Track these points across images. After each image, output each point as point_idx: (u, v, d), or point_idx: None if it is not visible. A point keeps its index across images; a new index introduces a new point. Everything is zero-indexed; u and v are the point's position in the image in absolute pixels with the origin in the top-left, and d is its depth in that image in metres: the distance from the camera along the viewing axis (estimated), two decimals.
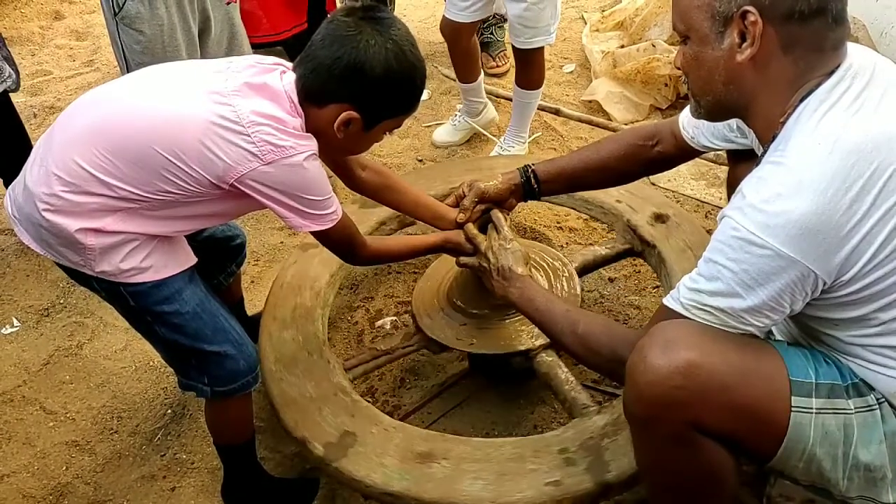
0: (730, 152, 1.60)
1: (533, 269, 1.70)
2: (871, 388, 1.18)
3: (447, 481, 1.45)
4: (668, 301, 1.21)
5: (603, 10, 3.66)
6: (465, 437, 1.61)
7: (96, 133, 1.33)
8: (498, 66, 3.31)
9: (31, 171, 1.38)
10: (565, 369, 1.68)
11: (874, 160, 1.06)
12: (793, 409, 1.13)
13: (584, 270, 2.00)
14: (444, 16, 2.65)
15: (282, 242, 2.54)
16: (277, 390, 1.68)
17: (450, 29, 2.65)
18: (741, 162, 1.52)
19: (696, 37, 1.17)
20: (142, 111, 1.35)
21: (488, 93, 3.12)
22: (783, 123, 1.15)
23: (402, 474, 1.47)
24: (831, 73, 1.12)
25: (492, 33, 3.25)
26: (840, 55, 1.13)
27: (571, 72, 3.38)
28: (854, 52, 1.15)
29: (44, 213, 1.34)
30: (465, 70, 2.78)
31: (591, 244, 2.37)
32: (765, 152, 1.18)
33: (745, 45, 1.12)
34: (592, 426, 1.52)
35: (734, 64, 1.14)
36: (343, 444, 1.54)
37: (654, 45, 3.05)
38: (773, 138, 1.16)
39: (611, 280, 2.28)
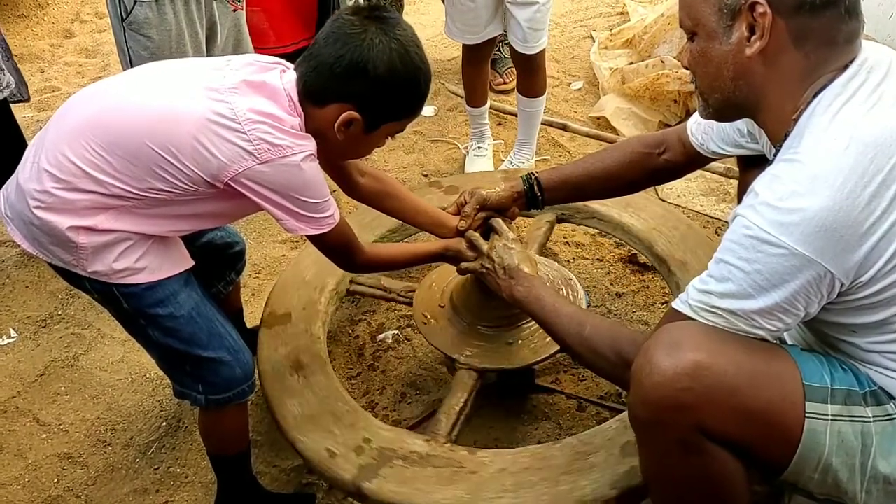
0: (740, 159, 1.56)
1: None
2: (891, 397, 1.13)
3: (285, 391, 1.60)
4: (677, 304, 1.17)
5: (611, 29, 3.65)
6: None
7: (89, 127, 1.31)
8: (505, 83, 3.30)
9: (24, 169, 1.36)
10: (463, 400, 1.61)
11: (894, 154, 1.02)
12: (807, 415, 1.08)
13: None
14: (463, 46, 2.66)
15: (283, 255, 2.51)
16: (296, 261, 1.93)
17: (472, 54, 2.67)
18: (752, 168, 1.47)
19: (703, 32, 1.14)
20: (136, 106, 1.32)
21: (496, 109, 3.11)
22: (796, 120, 1.11)
23: (275, 365, 1.67)
24: (845, 67, 1.09)
25: (499, 50, 3.24)
26: (854, 49, 1.10)
27: (579, 89, 3.36)
28: (868, 47, 1.12)
29: (35, 211, 1.31)
30: (483, 93, 2.79)
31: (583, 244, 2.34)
32: (777, 152, 1.14)
33: (754, 38, 1.09)
34: (406, 444, 1.50)
35: (743, 58, 1.11)
36: (277, 321, 1.79)
37: (662, 62, 3.03)
38: (786, 137, 1.12)
39: (618, 295, 2.24)
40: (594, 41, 3.60)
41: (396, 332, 2.16)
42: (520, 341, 1.71)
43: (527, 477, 1.42)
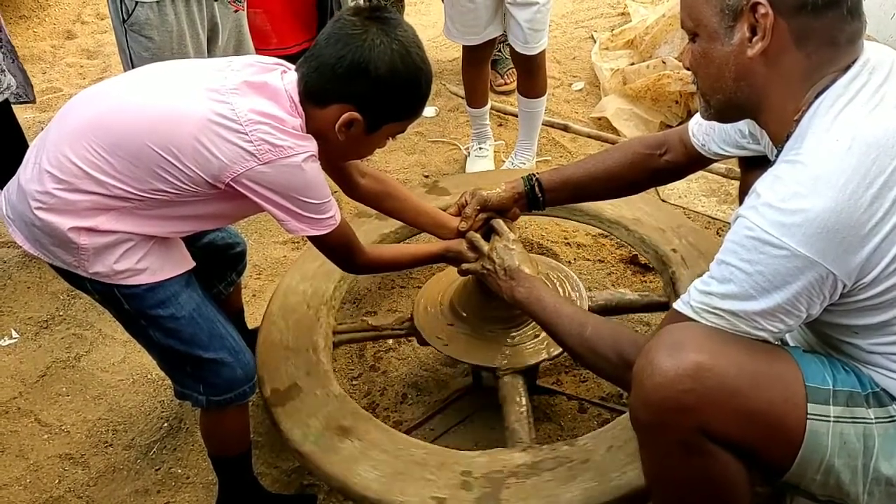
0: (742, 160, 1.56)
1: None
2: (893, 399, 1.12)
3: (349, 460, 1.48)
4: (679, 305, 1.16)
5: (612, 30, 3.65)
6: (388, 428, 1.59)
7: (91, 129, 1.31)
8: (506, 84, 3.30)
9: (25, 170, 1.36)
10: (524, 402, 1.61)
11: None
12: (809, 416, 1.07)
13: (605, 312, 1.90)
14: (464, 47, 2.67)
15: (285, 256, 2.51)
16: (265, 332, 1.78)
17: (472, 55, 2.67)
18: (754, 169, 1.47)
19: (704, 33, 1.14)
20: (137, 107, 1.33)
21: (498, 110, 3.11)
22: (798, 121, 1.11)
23: (317, 440, 1.53)
24: (847, 68, 1.08)
25: (500, 51, 3.24)
26: (856, 49, 1.09)
27: (580, 90, 3.36)
28: (870, 48, 1.11)
29: (36, 212, 1.32)
30: (483, 94, 2.79)
31: (584, 245, 2.33)
32: (779, 153, 1.14)
33: (755, 38, 1.09)
34: (507, 460, 1.46)
35: (745, 59, 1.11)
36: (287, 395, 1.62)
37: (664, 63, 3.03)
38: (788, 137, 1.12)
39: None
40: (595, 42, 3.60)
41: None
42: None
43: (637, 444, 1.40)
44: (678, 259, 1.92)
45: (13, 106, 2.50)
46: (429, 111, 3.22)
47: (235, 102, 1.29)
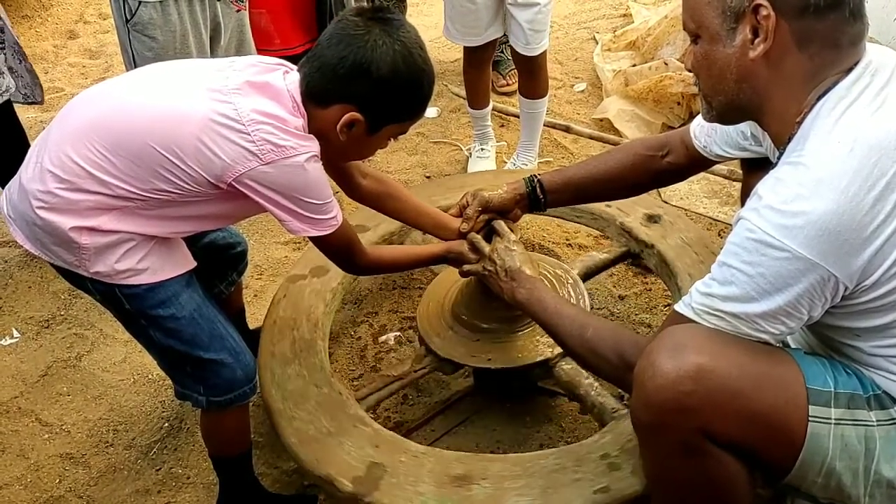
0: (744, 162, 1.56)
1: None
2: (895, 401, 1.12)
3: (492, 501, 1.38)
4: (680, 307, 1.16)
5: (615, 31, 3.65)
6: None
7: (92, 128, 1.31)
8: (508, 84, 3.30)
9: (27, 169, 1.36)
10: (587, 375, 1.62)
11: None
12: (810, 418, 1.07)
13: (586, 276, 1.97)
14: (465, 48, 2.67)
15: (286, 257, 2.51)
16: (293, 433, 1.55)
17: (473, 56, 2.67)
18: (756, 171, 1.47)
19: (706, 35, 1.14)
20: (139, 107, 1.33)
21: (499, 111, 3.11)
22: (800, 123, 1.11)
23: (443, 500, 1.39)
24: (849, 70, 1.08)
25: (502, 52, 3.24)
26: (858, 51, 1.09)
27: (582, 90, 3.36)
28: (872, 50, 1.11)
29: (38, 211, 1.32)
30: (485, 95, 2.80)
31: (585, 247, 2.37)
32: (781, 154, 1.14)
33: (757, 40, 1.09)
34: (629, 429, 1.44)
35: (747, 61, 1.11)
36: (373, 477, 1.44)
37: (666, 64, 3.03)
38: (790, 139, 1.12)
39: (621, 298, 2.23)
40: (597, 43, 3.60)
41: (398, 333, 2.16)
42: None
43: None
44: (616, 212, 2.06)
45: (16, 105, 2.50)
46: (431, 112, 3.22)
47: (238, 102, 1.29)
